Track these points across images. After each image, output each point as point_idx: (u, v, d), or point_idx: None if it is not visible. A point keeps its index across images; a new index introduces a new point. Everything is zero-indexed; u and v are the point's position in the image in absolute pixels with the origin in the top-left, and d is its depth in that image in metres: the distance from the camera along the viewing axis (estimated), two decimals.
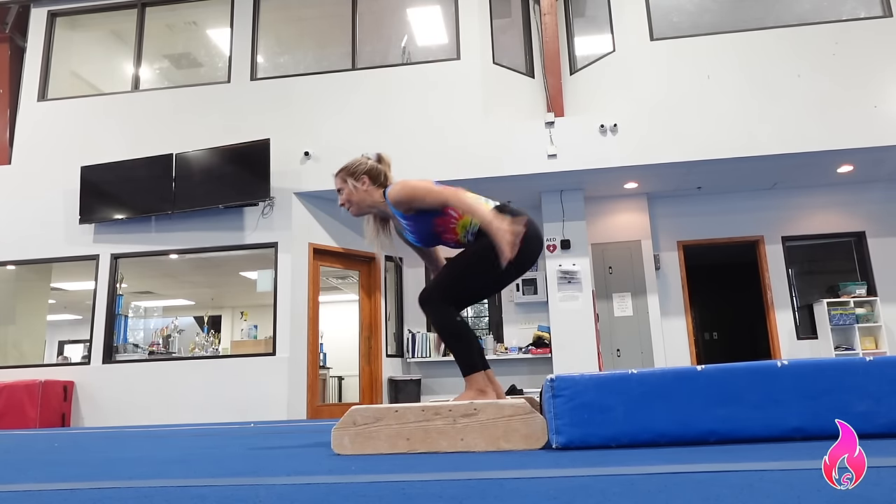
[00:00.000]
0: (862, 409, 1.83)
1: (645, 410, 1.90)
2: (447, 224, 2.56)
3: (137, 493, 1.40)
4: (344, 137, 7.21)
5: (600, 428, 1.91)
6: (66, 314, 11.01)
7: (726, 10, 7.41)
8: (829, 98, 6.54)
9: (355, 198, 2.65)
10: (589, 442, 1.91)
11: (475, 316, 8.73)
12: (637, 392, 1.92)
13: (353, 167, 2.66)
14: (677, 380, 1.92)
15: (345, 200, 2.67)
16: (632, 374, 1.95)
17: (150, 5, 8.24)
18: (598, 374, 2.00)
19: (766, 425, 1.86)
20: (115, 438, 3.89)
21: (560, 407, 1.93)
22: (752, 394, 1.88)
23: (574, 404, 1.92)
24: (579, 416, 1.91)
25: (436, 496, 1.17)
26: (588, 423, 1.91)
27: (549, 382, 1.97)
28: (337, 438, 2.07)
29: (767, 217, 7.75)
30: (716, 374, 1.91)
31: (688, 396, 1.90)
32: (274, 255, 7.12)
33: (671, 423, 1.89)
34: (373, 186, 2.65)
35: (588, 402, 1.92)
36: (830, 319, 7.07)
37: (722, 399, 1.88)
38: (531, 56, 7.79)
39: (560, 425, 1.92)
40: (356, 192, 2.64)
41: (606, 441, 1.91)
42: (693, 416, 1.88)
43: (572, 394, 1.93)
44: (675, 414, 1.89)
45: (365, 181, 2.64)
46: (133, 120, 7.71)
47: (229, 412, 6.67)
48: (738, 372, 1.92)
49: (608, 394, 1.93)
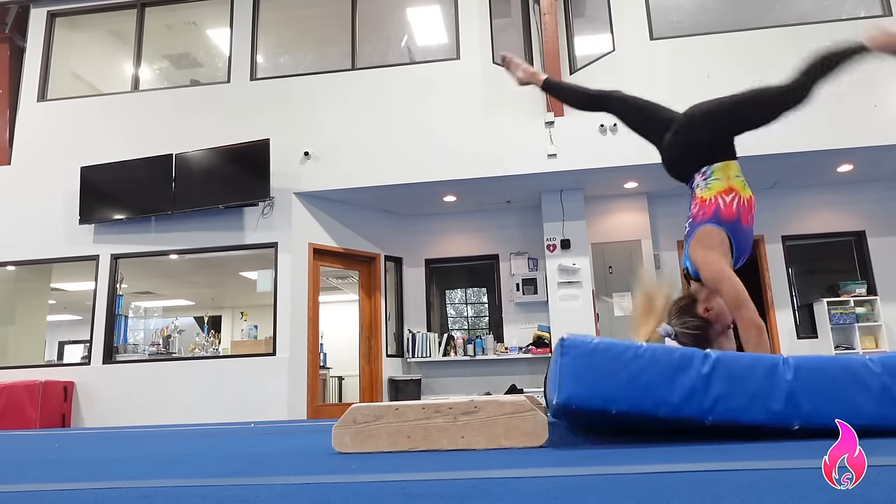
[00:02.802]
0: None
1: (648, 381, 1.91)
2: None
3: (137, 493, 1.40)
4: (344, 137, 7.21)
5: (603, 389, 1.91)
6: (66, 314, 11.01)
7: (726, 10, 7.40)
8: (829, 97, 6.50)
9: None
10: (590, 403, 1.91)
11: (475, 316, 8.73)
12: (643, 362, 1.93)
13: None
14: (683, 359, 1.94)
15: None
16: (641, 346, 1.97)
17: (150, 5, 8.24)
18: (608, 340, 2.01)
19: (763, 412, 1.87)
20: (115, 438, 3.89)
21: (567, 365, 1.94)
22: (753, 381, 1.90)
23: (581, 364, 1.94)
24: (583, 375, 1.93)
25: (436, 495, 1.17)
26: (591, 383, 1.92)
27: (561, 341, 2.00)
28: (338, 437, 2.07)
29: (767, 216, 7.73)
30: (721, 358, 1.93)
31: (691, 375, 1.91)
32: (274, 255, 7.12)
33: (671, 398, 1.90)
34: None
35: (594, 365, 1.94)
36: (830, 319, 7.07)
37: (723, 382, 1.90)
38: (531, 56, 7.79)
39: (564, 383, 1.93)
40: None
41: (606, 404, 1.91)
42: (694, 394, 1.90)
43: (580, 353, 1.95)
44: (676, 389, 1.90)
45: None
46: (133, 120, 7.71)
47: (229, 412, 6.67)
48: (743, 359, 1.94)
49: (615, 360, 1.94)
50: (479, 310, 8.73)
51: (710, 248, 2.48)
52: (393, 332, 8.05)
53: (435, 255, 8.32)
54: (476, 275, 8.64)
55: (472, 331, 8.49)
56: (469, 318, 8.75)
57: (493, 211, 8.23)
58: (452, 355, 7.77)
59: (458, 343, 7.83)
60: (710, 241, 2.50)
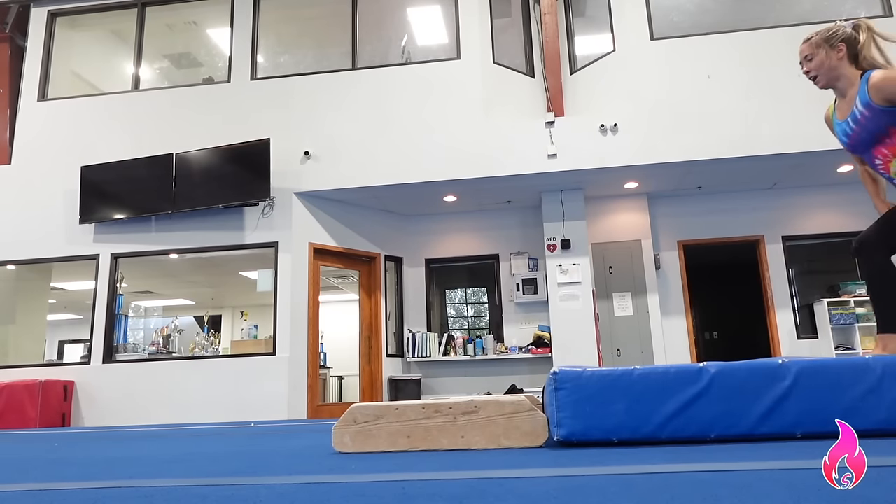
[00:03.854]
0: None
1: (646, 406, 1.91)
2: (891, 144, 2.39)
3: (137, 492, 1.40)
4: (344, 137, 7.21)
5: (602, 421, 1.91)
6: (66, 314, 11.00)
7: (727, 10, 7.40)
8: (830, 97, 6.52)
9: (826, 67, 2.49)
10: (590, 435, 1.91)
11: (475, 316, 8.73)
12: (639, 387, 1.93)
13: (829, 32, 2.51)
14: (679, 377, 1.93)
15: (813, 68, 2.51)
16: (634, 370, 1.96)
17: (150, 5, 8.24)
18: (600, 368, 2.00)
19: (766, 423, 1.86)
20: (115, 438, 3.89)
21: (563, 400, 1.94)
22: (752, 392, 1.88)
23: (576, 397, 1.93)
24: (581, 409, 1.92)
25: (436, 495, 1.17)
26: (590, 416, 1.92)
27: (552, 375, 1.99)
28: (338, 436, 2.07)
29: (767, 217, 7.75)
30: (717, 371, 1.92)
31: (689, 393, 1.90)
32: (274, 255, 7.12)
33: (672, 419, 1.89)
34: (846, 60, 2.48)
35: (590, 396, 1.93)
36: (831, 319, 7.07)
37: (723, 396, 1.89)
38: (531, 56, 7.79)
39: (562, 418, 1.93)
40: (828, 61, 2.49)
41: (607, 434, 1.91)
42: (694, 412, 1.89)
43: (575, 387, 1.94)
44: (676, 410, 1.89)
45: (842, 50, 2.49)
46: (133, 120, 7.72)
47: (229, 412, 6.68)
48: (739, 369, 1.92)
49: (610, 388, 1.94)
50: (480, 310, 8.73)
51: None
52: (393, 331, 8.05)
53: (435, 254, 8.32)
54: (476, 275, 8.64)
55: (472, 331, 8.49)
56: (469, 318, 8.75)
57: (493, 211, 8.23)
58: (452, 355, 7.77)
59: (458, 343, 7.83)
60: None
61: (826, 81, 2.51)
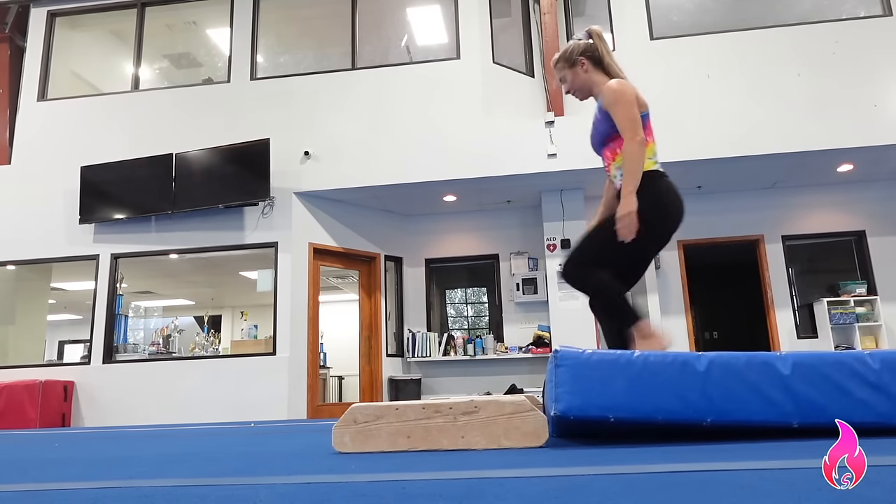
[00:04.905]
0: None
1: (644, 386, 1.92)
2: (613, 148, 2.61)
3: (137, 492, 1.40)
4: (344, 137, 7.21)
5: (599, 398, 1.92)
6: (66, 314, 11.01)
7: (726, 9, 7.40)
8: (829, 97, 6.53)
9: (578, 83, 2.66)
10: (587, 412, 1.92)
11: (475, 315, 8.73)
12: (637, 368, 1.94)
13: (567, 52, 2.65)
14: (677, 361, 1.95)
15: (568, 87, 2.68)
16: (633, 352, 1.98)
17: (150, 5, 8.24)
18: (600, 350, 2.03)
19: (762, 412, 1.88)
20: (115, 438, 3.89)
21: (562, 376, 1.95)
22: (750, 380, 1.90)
23: (575, 373, 1.95)
24: (579, 385, 1.93)
25: (436, 495, 1.17)
26: (587, 392, 1.93)
27: (554, 353, 2.01)
28: (338, 436, 2.07)
29: (767, 216, 7.75)
30: (716, 358, 1.94)
31: (687, 377, 1.92)
32: (274, 255, 7.12)
33: (669, 402, 1.90)
34: (594, 69, 2.64)
35: (589, 373, 1.95)
36: (831, 318, 7.07)
37: (720, 383, 1.90)
38: (531, 55, 7.79)
39: (560, 393, 1.94)
40: (577, 78, 2.65)
41: (604, 412, 1.91)
42: (691, 397, 1.90)
43: (574, 364, 1.96)
44: (673, 393, 1.91)
45: (584, 63, 2.64)
46: (133, 120, 7.71)
47: (229, 412, 6.68)
48: (737, 358, 1.95)
49: (609, 367, 1.95)
50: (479, 309, 8.73)
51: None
52: (393, 331, 8.05)
53: (435, 254, 8.32)
54: (476, 274, 8.64)
55: (472, 330, 8.49)
56: (469, 318, 8.75)
57: (493, 211, 8.23)
58: (452, 355, 7.77)
59: (458, 343, 7.83)
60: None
61: (584, 95, 2.70)
